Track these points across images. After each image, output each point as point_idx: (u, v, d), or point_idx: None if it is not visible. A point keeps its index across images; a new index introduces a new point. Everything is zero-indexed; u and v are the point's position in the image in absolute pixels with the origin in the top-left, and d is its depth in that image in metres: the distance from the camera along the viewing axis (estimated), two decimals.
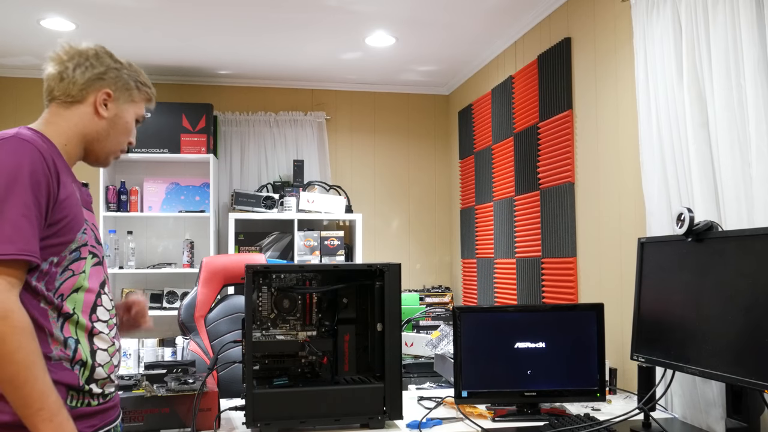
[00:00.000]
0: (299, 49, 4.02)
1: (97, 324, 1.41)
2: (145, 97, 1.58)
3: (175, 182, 4.54)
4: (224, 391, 2.48)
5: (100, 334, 1.41)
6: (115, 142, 1.53)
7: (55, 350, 1.33)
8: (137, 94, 1.55)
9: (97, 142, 1.50)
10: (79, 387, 1.36)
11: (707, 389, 1.96)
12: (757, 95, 1.82)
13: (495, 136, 3.95)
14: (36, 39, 3.81)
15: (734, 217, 1.87)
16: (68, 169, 1.44)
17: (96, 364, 1.39)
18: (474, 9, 3.38)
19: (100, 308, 1.43)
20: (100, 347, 1.41)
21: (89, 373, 1.38)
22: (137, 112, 1.56)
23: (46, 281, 1.34)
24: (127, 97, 1.53)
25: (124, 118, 1.52)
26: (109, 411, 1.45)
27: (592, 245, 2.86)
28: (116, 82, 1.50)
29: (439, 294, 4.60)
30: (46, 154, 1.33)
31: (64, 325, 1.35)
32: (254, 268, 1.96)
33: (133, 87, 1.54)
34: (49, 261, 1.34)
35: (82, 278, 1.39)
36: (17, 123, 4.46)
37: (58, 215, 1.34)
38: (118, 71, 1.51)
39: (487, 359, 2.15)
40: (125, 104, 1.52)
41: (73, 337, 1.36)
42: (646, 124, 2.29)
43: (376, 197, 4.92)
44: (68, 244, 1.37)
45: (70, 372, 1.35)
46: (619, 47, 2.66)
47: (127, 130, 1.54)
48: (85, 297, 1.40)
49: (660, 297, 2.01)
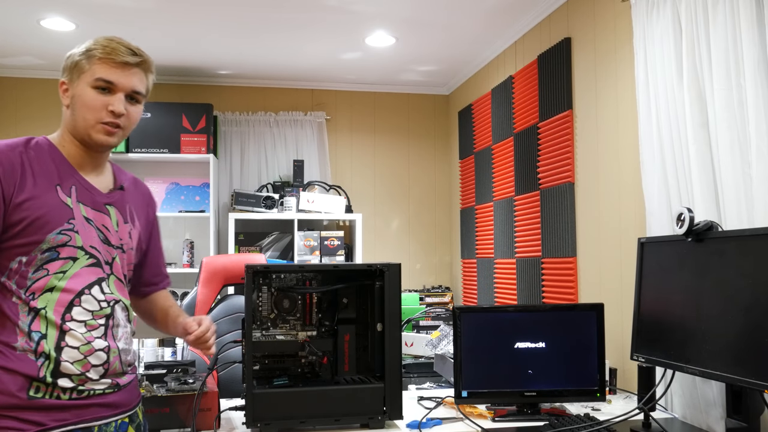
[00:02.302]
0: (299, 49, 4.02)
1: (69, 323, 1.43)
2: (96, 61, 1.47)
3: (175, 182, 4.54)
4: (224, 391, 2.48)
5: (72, 331, 1.43)
6: (81, 120, 1.48)
7: (20, 341, 1.39)
8: (84, 63, 1.48)
9: (74, 130, 1.51)
10: (40, 378, 1.39)
11: (707, 389, 1.96)
12: (757, 95, 1.82)
13: (495, 136, 3.95)
14: (36, 39, 3.81)
15: (734, 217, 1.87)
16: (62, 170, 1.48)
17: (62, 359, 1.41)
18: (474, 9, 3.37)
19: (76, 308, 1.44)
20: (69, 344, 1.42)
21: (53, 366, 1.40)
22: (88, 80, 1.47)
23: (17, 279, 1.41)
24: (77, 73, 1.49)
25: (78, 92, 1.48)
26: (89, 408, 1.45)
27: (592, 245, 2.86)
28: (66, 69, 1.52)
29: (439, 294, 4.60)
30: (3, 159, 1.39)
31: (35, 320, 1.40)
32: (254, 268, 1.96)
33: (80, 59, 1.49)
34: (17, 260, 1.40)
35: (57, 278, 1.43)
36: (17, 123, 4.47)
37: (15, 217, 1.39)
38: (68, 58, 1.52)
39: (487, 359, 2.15)
40: (76, 81, 1.49)
41: (39, 332, 1.40)
42: (646, 124, 2.29)
43: (376, 197, 4.92)
44: (37, 244, 1.41)
45: (32, 363, 1.39)
46: (619, 47, 2.66)
47: (84, 102, 1.47)
48: (60, 296, 1.43)
49: (660, 297, 2.01)
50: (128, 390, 1.56)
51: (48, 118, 4.49)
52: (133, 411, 1.58)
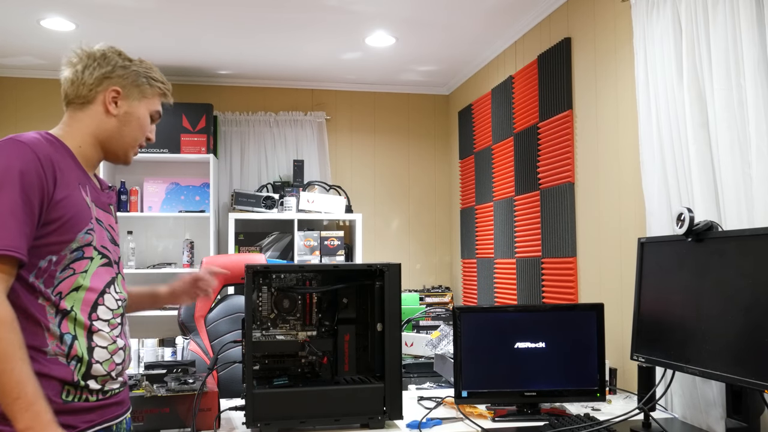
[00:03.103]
0: (299, 49, 4.02)
1: (96, 322, 1.43)
2: (158, 92, 1.59)
3: (175, 182, 4.54)
4: (224, 391, 2.48)
5: (99, 331, 1.44)
6: (130, 138, 1.55)
7: (51, 345, 1.37)
8: (148, 89, 1.56)
9: (112, 140, 1.53)
10: (74, 382, 1.39)
11: (707, 389, 1.96)
12: (757, 95, 1.82)
13: (495, 136, 3.95)
14: (36, 39, 3.81)
15: (734, 217, 1.87)
16: (79, 170, 1.47)
17: (93, 360, 1.41)
18: (474, 9, 3.37)
19: (101, 307, 1.45)
20: (98, 344, 1.43)
21: (85, 368, 1.40)
22: (150, 107, 1.58)
23: (45, 279, 1.37)
24: (138, 93, 1.54)
25: (135, 114, 1.54)
26: (109, 408, 1.48)
27: (592, 245, 2.86)
28: (124, 80, 1.52)
29: (439, 294, 4.60)
30: (42, 155, 1.36)
31: (63, 322, 1.39)
32: (254, 268, 1.96)
33: (144, 83, 1.55)
34: (47, 259, 1.37)
35: (82, 277, 1.42)
36: (17, 123, 4.47)
37: (53, 214, 1.37)
38: (126, 69, 1.53)
39: (487, 359, 2.15)
40: (135, 100, 1.54)
41: (70, 333, 1.39)
42: (646, 124, 2.29)
43: (376, 197, 4.92)
44: (68, 243, 1.39)
45: (65, 367, 1.38)
46: (619, 47, 2.66)
47: (141, 125, 1.56)
48: (86, 296, 1.42)
49: (660, 297, 2.01)
50: (127, 387, 1.61)
51: (48, 118, 4.49)
52: (129, 406, 1.62)
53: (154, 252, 4.58)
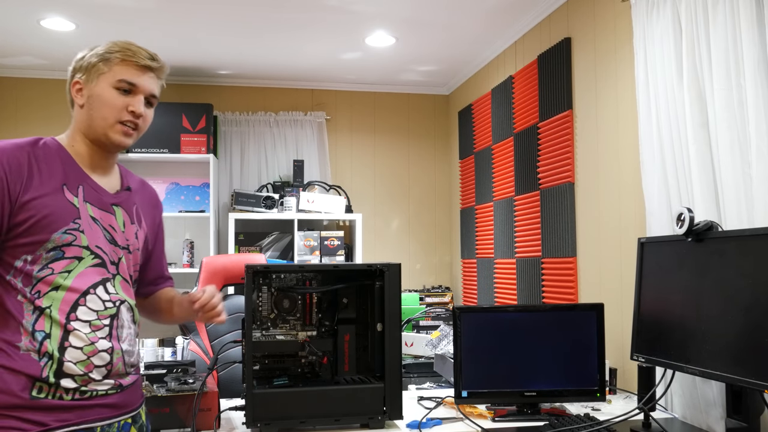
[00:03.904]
0: (299, 49, 4.02)
1: (74, 322, 1.43)
2: (117, 62, 1.51)
3: (175, 182, 4.54)
4: (224, 391, 2.48)
5: (75, 331, 1.43)
6: (99, 119, 1.51)
7: (24, 340, 1.39)
8: (104, 65, 1.51)
9: (89, 129, 1.53)
10: (43, 378, 1.39)
11: (707, 389, 1.96)
12: (757, 95, 1.82)
13: (495, 136, 3.95)
14: (36, 39, 3.81)
15: (734, 217, 1.87)
16: (71, 169, 1.49)
17: (64, 359, 1.41)
18: (474, 9, 3.37)
19: (82, 308, 1.44)
20: (72, 345, 1.42)
21: (56, 366, 1.40)
22: (110, 80, 1.50)
23: (22, 278, 1.41)
24: (95, 73, 1.52)
25: (96, 92, 1.51)
26: (90, 409, 1.45)
27: (592, 245, 2.86)
28: (81, 68, 1.54)
29: (439, 294, 4.60)
30: (9, 158, 1.40)
31: (39, 319, 1.40)
32: (254, 268, 1.96)
33: (97, 61, 1.52)
34: (22, 259, 1.41)
35: (62, 277, 1.43)
36: (17, 123, 4.47)
37: (21, 216, 1.40)
38: (82, 59, 1.54)
39: (487, 359, 2.15)
40: (95, 81, 1.52)
41: (43, 331, 1.40)
42: (646, 124, 2.29)
43: (376, 197, 4.92)
44: (42, 243, 1.41)
45: (35, 363, 1.39)
46: (619, 47, 2.66)
47: (104, 101, 1.50)
48: (65, 295, 1.43)
49: (660, 297, 2.01)
50: (131, 391, 1.56)
51: (48, 118, 4.49)
52: (135, 412, 1.58)
53: None
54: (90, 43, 1.59)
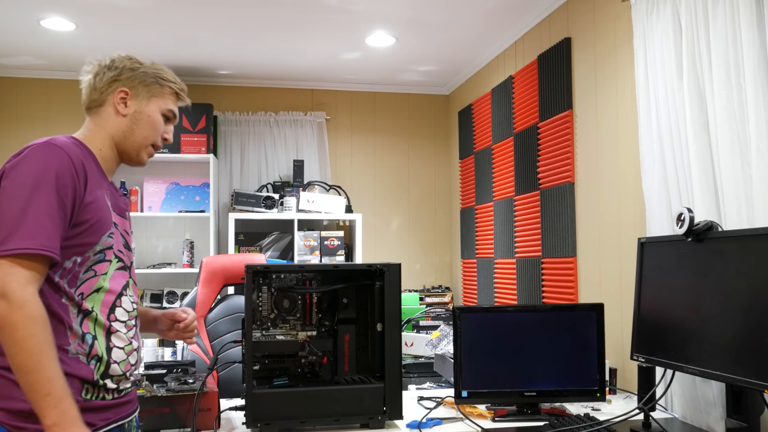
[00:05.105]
0: (299, 49, 4.02)
1: (114, 323, 1.48)
2: (168, 92, 1.61)
3: (175, 182, 4.54)
4: (224, 391, 2.48)
5: (117, 332, 1.48)
6: (141, 137, 1.57)
7: (73, 344, 1.41)
8: (158, 89, 1.59)
9: (125, 140, 1.56)
10: (93, 381, 1.43)
11: (707, 389, 1.96)
12: (757, 95, 1.82)
13: (495, 136, 3.95)
14: (36, 39, 3.81)
15: (734, 217, 1.87)
16: (101, 174, 1.52)
17: (111, 360, 1.46)
18: (474, 9, 3.37)
19: (119, 309, 1.50)
20: (116, 345, 1.48)
21: (104, 368, 1.44)
22: (161, 106, 1.60)
23: (69, 279, 1.41)
24: (147, 92, 1.58)
25: (145, 112, 1.57)
26: (123, 406, 1.52)
27: (592, 245, 2.86)
28: (132, 80, 1.57)
29: (439, 294, 4.60)
30: (75, 158, 1.41)
31: (84, 321, 1.43)
32: (254, 268, 1.96)
33: (153, 82, 1.58)
34: (72, 260, 1.42)
35: (103, 279, 1.47)
36: (17, 123, 4.47)
37: (82, 217, 1.41)
38: (134, 71, 1.57)
39: (487, 359, 2.15)
40: (144, 99, 1.57)
41: (90, 333, 1.43)
42: (646, 124, 2.29)
43: (376, 197, 4.92)
44: (92, 245, 1.44)
45: (86, 366, 1.42)
46: (619, 47, 2.66)
47: (152, 124, 1.58)
48: (105, 297, 1.47)
49: (660, 297, 2.01)
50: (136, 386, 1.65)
51: (48, 118, 4.49)
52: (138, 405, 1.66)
53: (154, 252, 4.58)
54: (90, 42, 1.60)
